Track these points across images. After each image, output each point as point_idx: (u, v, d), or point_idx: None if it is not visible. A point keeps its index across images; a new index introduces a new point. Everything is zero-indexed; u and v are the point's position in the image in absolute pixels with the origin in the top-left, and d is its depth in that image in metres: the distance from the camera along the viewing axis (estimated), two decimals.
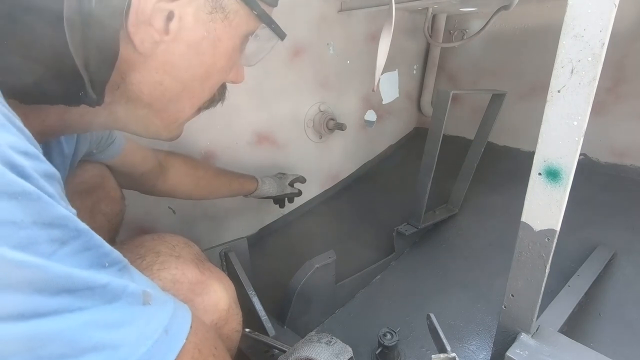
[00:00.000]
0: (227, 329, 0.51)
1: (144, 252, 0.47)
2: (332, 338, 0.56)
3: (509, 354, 0.46)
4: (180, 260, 0.48)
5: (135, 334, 0.25)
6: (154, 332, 0.26)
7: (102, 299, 0.24)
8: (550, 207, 0.41)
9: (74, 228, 0.24)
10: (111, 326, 0.24)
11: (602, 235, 0.94)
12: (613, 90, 1.09)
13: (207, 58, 0.38)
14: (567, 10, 0.35)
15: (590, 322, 0.77)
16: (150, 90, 0.37)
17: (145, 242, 0.50)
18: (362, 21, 1.23)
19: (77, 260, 0.23)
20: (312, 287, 0.82)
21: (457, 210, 1.17)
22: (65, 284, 0.22)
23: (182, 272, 0.47)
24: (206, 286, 0.48)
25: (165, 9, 0.33)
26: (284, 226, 1.24)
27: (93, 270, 0.24)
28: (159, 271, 0.46)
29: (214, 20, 0.36)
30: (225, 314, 0.50)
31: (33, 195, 0.21)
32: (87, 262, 0.24)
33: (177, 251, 0.50)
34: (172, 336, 0.28)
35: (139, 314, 0.26)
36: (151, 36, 0.33)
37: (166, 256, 0.48)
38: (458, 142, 1.43)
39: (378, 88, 1.39)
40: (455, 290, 0.94)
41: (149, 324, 0.26)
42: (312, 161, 1.28)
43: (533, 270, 0.45)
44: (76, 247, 0.24)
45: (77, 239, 0.24)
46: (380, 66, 0.55)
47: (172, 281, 0.46)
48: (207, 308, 0.47)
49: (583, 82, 0.36)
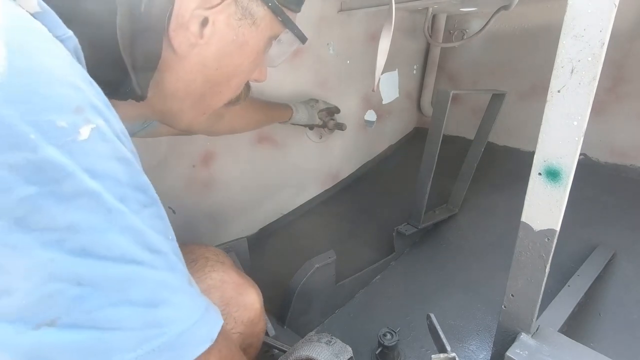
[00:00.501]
0: (258, 328, 0.58)
1: (196, 258, 0.56)
2: (332, 338, 0.56)
3: (509, 354, 0.46)
4: (225, 266, 0.57)
5: (189, 302, 0.28)
6: (201, 306, 0.29)
7: (167, 265, 0.27)
8: (550, 207, 0.41)
9: (152, 196, 0.28)
10: (174, 290, 0.27)
11: (602, 235, 0.94)
12: (613, 90, 1.09)
13: (235, 59, 0.43)
14: (567, 10, 0.35)
15: (590, 322, 0.77)
16: (184, 87, 0.42)
17: (195, 249, 0.58)
18: (362, 21, 1.23)
19: (153, 224, 0.27)
20: (312, 287, 0.82)
21: (457, 210, 1.17)
22: (148, 242, 0.25)
23: (227, 275, 0.55)
24: (245, 288, 0.56)
25: (200, 15, 0.37)
26: (284, 226, 1.24)
27: (162, 237, 0.27)
28: (210, 272, 0.53)
29: (242, 26, 0.41)
30: (259, 313, 0.57)
31: (129, 162, 0.26)
32: (158, 228, 0.27)
33: (221, 258, 0.59)
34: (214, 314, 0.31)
35: (188, 289, 0.29)
36: (188, 39, 0.38)
37: (214, 261, 0.56)
38: (458, 142, 1.43)
39: (378, 88, 1.39)
40: (455, 290, 0.94)
41: (195, 300, 0.29)
42: (312, 161, 1.27)
43: (533, 270, 0.45)
44: (153, 213, 0.27)
45: (154, 206, 0.27)
46: (380, 66, 0.55)
47: (221, 280, 0.54)
48: (246, 306, 0.55)
49: (583, 82, 0.36)
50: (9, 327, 0.20)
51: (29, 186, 0.20)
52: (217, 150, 1.02)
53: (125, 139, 0.27)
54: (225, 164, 1.04)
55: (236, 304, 0.54)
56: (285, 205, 1.24)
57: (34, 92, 0.21)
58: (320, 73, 1.18)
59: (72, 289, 0.21)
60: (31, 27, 0.23)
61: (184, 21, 0.36)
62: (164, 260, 0.27)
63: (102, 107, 0.25)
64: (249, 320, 0.55)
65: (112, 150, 0.24)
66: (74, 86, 0.23)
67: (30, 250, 0.20)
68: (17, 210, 0.20)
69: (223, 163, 1.04)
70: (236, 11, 0.39)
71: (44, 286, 0.20)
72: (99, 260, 0.22)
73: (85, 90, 0.24)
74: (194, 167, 0.98)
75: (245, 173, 1.10)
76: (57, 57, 0.23)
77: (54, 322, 0.21)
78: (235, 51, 0.42)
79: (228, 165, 1.05)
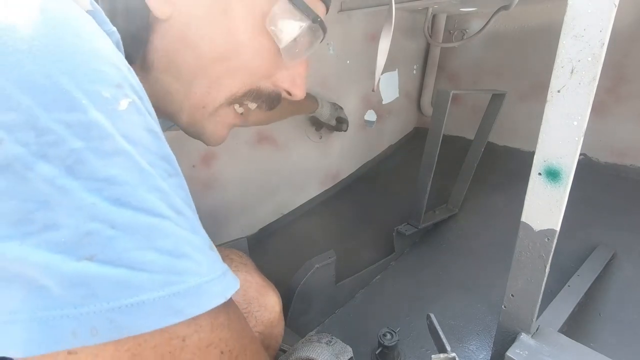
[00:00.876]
0: (276, 331, 0.58)
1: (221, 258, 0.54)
2: (332, 338, 0.56)
3: (508, 354, 0.46)
4: (248, 267, 0.59)
5: (209, 262, 0.30)
6: (219, 268, 0.31)
7: (191, 227, 0.29)
8: (550, 207, 0.41)
9: (176, 167, 0.30)
10: (195, 248, 0.29)
11: (602, 235, 0.94)
12: (613, 90, 1.09)
13: (219, 30, 0.38)
14: (567, 10, 0.35)
15: (590, 322, 0.77)
16: (173, 59, 0.39)
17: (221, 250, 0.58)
18: (362, 21, 1.23)
19: (177, 192, 0.29)
20: (312, 287, 0.82)
21: (457, 210, 1.17)
22: (173, 203, 0.28)
23: (250, 275, 0.57)
24: (267, 290, 0.58)
25: None
26: (284, 226, 1.24)
27: (185, 204, 0.30)
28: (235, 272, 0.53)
29: None
30: (278, 315, 0.58)
31: (157, 134, 0.29)
32: (182, 197, 0.30)
33: (244, 261, 0.61)
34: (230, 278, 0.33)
35: (209, 252, 0.31)
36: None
37: (237, 263, 0.58)
38: (458, 142, 1.43)
39: (378, 88, 1.39)
40: (455, 290, 0.94)
41: (215, 262, 0.31)
42: (312, 161, 1.28)
43: (533, 270, 0.45)
44: (177, 182, 0.29)
45: (177, 176, 0.30)
46: (380, 66, 0.55)
47: (244, 280, 0.55)
48: (267, 307, 0.56)
49: (583, 82, 0.36)
50: (56, 257, 0.23)
51: (78, 141, 0.24)
52: (217, 150, 1.02)
53: (154, 118, 0.30)
54: (225, 164, 1.04)
55: (258, 304, 0.55)
56: (285, 205, 1.24)
57: (87, 66, 0.25)
58: (320, 73, 1.18)
59: (107, 231, 0.24)
60: (86, 18, 0.27)
61: None
62: (188, 222, 0.29)
63: (137, 87, 0.28)
64: (269, 321, 0.56)
65: (145, 123, 0.28)
66: (116, 67, 0.27)
67: (77, 193, 0.23)
68: (67, 160, 0.23)
69: (223, 163, 1.04)
70: None
71: (85, 225, 0.24)
72: (130, 210, 0.25)
73: (124, 70, 0.27)
74: (194, 167, 0.98)
75: (245, 173, 1.10)
76: (105, 42, 0.27)
77: (92, 257, 0.24)
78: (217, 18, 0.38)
79: (228, 165, 1.05)
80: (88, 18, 0.28)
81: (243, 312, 0.51)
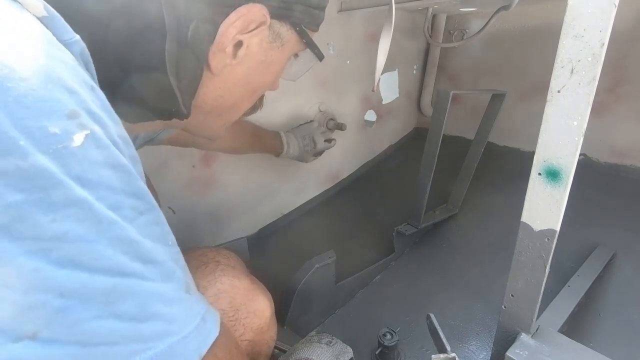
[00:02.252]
0: (268, 335, 0.57)
1: (207, 261, 0.55)
2: (332, 338, 0.56)
3: (508, 354, 0.46)
4: (236, 270, 0.56)
5: (183, 314, 0.28)
6: (196, 317, 0.29)
7: (161, 275, 0.27)
8: (550, 207, 0.41)
9: (149, 202, 0.27)
10: (166, 302, 0.26)
11: (602, 235, 0.94)
12: (613, 90, 1.09)
13: (262, 77, 0.46)
14: (567, 10, 0.35)
15: (590, 322, 0.77)
16: (212, 102, 0.44)
17: (207, 252, 0.58)
18: (362, 21, 1.23)
19: (149, 231, 0.26)
20: (312, 287, 0.82)
21: (457, 210, 1.17)
22: (140, 252, 0.25)
23: (238, 279, 0.54)
24: (256, 294, 0.55)
25: (237, 39, 0.39)
26: (284, 226, 1.24)
27: (159, 245, 0.27)
28: (220, 276, 0.53)
29: (272, 48, 0.43)
30: (269, 321, 0.56)
31: (125, 168, 0.25)
32: (155, 235, 0.27)
33: (232, 262, 0.58)
34: (209, 325, 0.31)
35: (184, 298, 0.29)
36: (223, 60, 0.40)
37: (225, 265, 0.56)
38: (458, 142, 1.43)
39: (378, 88, 1.39)
40: (455, 290, 0.94)
41: (191, 309, 0.29)
42: (312, 161, 1.27)
43: (533, 270, 0.45)
44: (150, 219, 0.27)
45: (151, 212, 0.27)
46: (380, 66, 0.55)
47: (230, 285, 0.53)
48: (256, 312, 0.54)
49: (583, 82, 0.36)
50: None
51: (16, 193, 0.19)
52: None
53: (123, 144, 0.26)
54: (225, 164, 1.04)
55: (246, 310, 0.53)
56: (285, 205, 1.24)
57: (27, 96, 0.20)
58: (320, 73, 1.18)
59: (55, 301, 0.20)
60: (32, 31, 0.23)
61: (223, 47, 0.39)
62: (159, 270, 0.26)
63: (99, 112, 0.24)
64: (259, 328, 0.54)
65: (107, 157, 0.24)
66: (69, 90, 0.23)
67: (14, 259, 0.19)
68: (1, 217, 0.19)
69: (223, 163, 1.04)
70: (269, 35, 0.42)
71: (26, 297, 0.20)
72: (85, 272, 0.22)
73: (81, 94, 0.23)
74: (194, 167, 0.98)
75: (246, 173, 1.10)
76: (56, 59, 0.23)
77: (35, 335, 0.20)
78: (264, 70, 0.45)
79: (228, 165, 1.05)
80: (37, 30, 0.23)
81: (230, 320, 0.50)
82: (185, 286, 0.29)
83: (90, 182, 0.22)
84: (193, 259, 0.54)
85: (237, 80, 0.43)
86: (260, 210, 1.18)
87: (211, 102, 0.44)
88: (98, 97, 0.25)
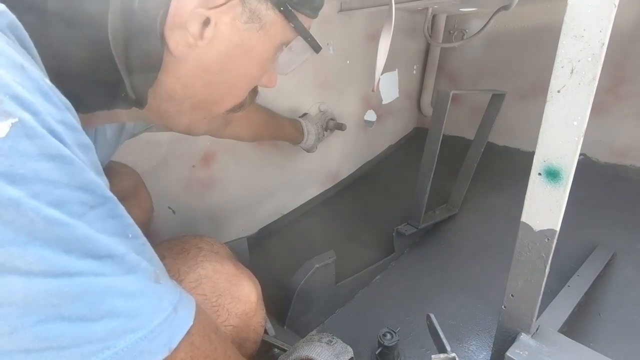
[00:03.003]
0: (255, 321, 0.55)
1: (189, 247, 0.53)
2: (333, 338, 0.56)
3: (508, 354, 0.46)
4: (219, 256, 0.54)
5: (148, 307, 0.26)
6: (166, 309, 0.27)
7: (122, 268, 0.25)
8: (550, 207, 0.41)
9: (102, 194, 0.25)
10: (128, 296, 0.25)
11: (602, 235, 0.94)
12: (613, 90, 1.09)
13: (240, 65, 0.39)
14: (567, 10, 0.35)
15: (590, 322, 0.77)
16: (183, 90, 0.39)
17: (189, 240, 0.56)
18: (362, 21, 1.23)
19: (103, 225, 0.24)
20: (312, 287, 0.82)
21: (457, 210, 1.17)
22: (92, 248, 0.23)
23: (221, 265, 0.52)
24: (240, 279, 0.53)
25: (202, 15, 0.34)
26: (284, 226, 1.24)
27: (117, 238, 0.25)
28: (202, 262, 0.51)
29: (249, 30, 0.37)
30: (255, 306, 0.54)
31: (67, 159, 0.23)
32: (111, 229, 0.25)
33: (215, 249, 0.56)
34: (181, 315, 0.29)
35: (152, 289, 0.27)
36: (186, 40, 0.35)
37: (207, 251, 0.54)
38: (458, 142, 1.43)
39: (378, 88, 1.39)
40: (455, 290, 0.94)
41: (160, 301, 0.27)
42: (312, 161, 1.27)
43: (533, 270, 0.45)
44: (103, 213, 0.25)
45: (104, 205, 0.25)
46: (380, 66, 0.55)
47: (213, 270, 0.51)
48: (241, 298, 0.52)
49: (583, 82, 0.36)
50: None
51: None
52: (217, 150, 1.02)
53: (67, 131, 0.24)
54: (225, 164, 1.04)
55: (229, 295, 0.51)
56: (285, 205, 1.24)
57: None
58: (320, 73, 1.18)
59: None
60: None
61: (181, 21, 0.33)
62: (118, 263, 0.25)
63: (28, 97, 0.21)
64: (243, 313, 0.52)
65: (42, 148, 0.21)
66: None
67: None
68: None
69: (223, 163, 1.04)
70: (242, 13, 0.36)
71: None
72: (20, 277, 0.20)
73: (4, 77, 0.20)
74: (193, 167, 0.98)
75: (245, 173, 1.10)
76: None
77: None
78: (241, 56, 0.38)
79: (228, 165, 1.05)
80: None
81: (213, 305, 0.48)
82: (154, 276, 0.28)
83: (22, 177, 0.20)
84: (175, 246, 0.53)
85: (209, 67, 0.37)
86: (260, 210, 1.18)
87: (182, 91, 0.38)
88: (30, 77, 0.22)
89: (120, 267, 0.25)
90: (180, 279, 0.48)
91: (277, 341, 0.66)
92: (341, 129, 1.22)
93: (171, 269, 0.48)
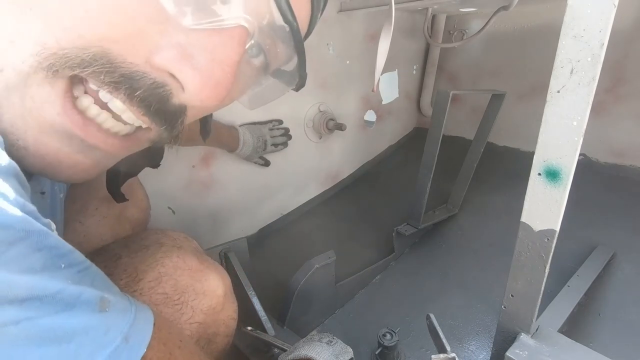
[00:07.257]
0: (224, 315, 0.53)
1: (149, 244, 0.51)
2: (333, 338, 0.56)
3: (508, 354, 0.46)
4: (181, 251, 0.51)
5: (89, 345, 0.23)
6: (112, 341, 0.25)
7: (53, 308, 0.22)
8: (550, 207, 0.41)
9: (21, 229, 0.22)
10: (62, 338, 0.22)
11: (602, 235, 0.94)
12: (613, 90, 1.09)
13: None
14: (567, 11, 0.35)
15: (590, 322, 0.77)
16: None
17: (149, 235, 0.53)
18: (362, 21, 1.23)
19: (26, 264, 0.21)
20: (312, 287, 0.82)
21: (456, 210, 1.17)
22: (8, 294, 0.20)
23: (183, 261, 0.49)
24: (205, 274, 0.51)
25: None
26: (284, 226, 1.24)
27: (46, 274, 0.22)
28: (162, 259, 0.48)
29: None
30: (222, 299, 0.52)
31: None
32: (38, 264, 0.22)
33: (178, 243, 0.53)
34: (133, 343, 0.27)
35: (94, 322, 0.24)
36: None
37: (169, 247, 0.51)
38: (458, 142, 1.43)
39: (378, 88, 1.39)
40: (455, 291, 0.94)
41: (107, 333, 0.25)
42: (312, 161, 1.28)
43: (533, 270, 0.45)
44: (24, 249, 0.22)
45: (25, 240, 0.22)
46: (380, 66, 0.55)
47: (174, 267, 0.48)
48: (206, 293, 0.50)
49: (583, 82, 0.36)
50: None
51: None
52: (217, 150, 1.02)
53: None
54: (225, 164, 1.04)
55: (193, 291, 0.49)
56: (285, 205, 1.24)
57: None
58: (320, 73, 1.18)
59: None
60: None
61: None
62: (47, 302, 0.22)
63: None
64: (210, 308, 0.50)
65: None
66: None
67: None
68: None
69: (223, 163, 1.04)
70: None
71: None
72: None
73: None
74: (193, 167, 0.98)
75: (246, 173, 1.10)
76: None
77: None
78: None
79: (228, 165, 1.05)
80: None
81: (175, 304, 0.47)
82: (98, 305, 0.25)
83: None
84: (134, 243, 0.51)
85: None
86: (260, 210, 1.18)
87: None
88: None
89: (50, 307, 0.22)
90: (139, 279, 0.46)
91: (277, 341, 0.66)
92: (341, 129, 1.22)
93: (128, 269, 0.46)
